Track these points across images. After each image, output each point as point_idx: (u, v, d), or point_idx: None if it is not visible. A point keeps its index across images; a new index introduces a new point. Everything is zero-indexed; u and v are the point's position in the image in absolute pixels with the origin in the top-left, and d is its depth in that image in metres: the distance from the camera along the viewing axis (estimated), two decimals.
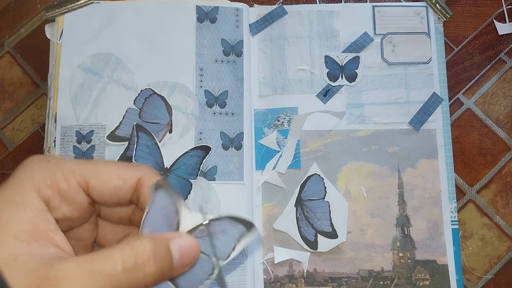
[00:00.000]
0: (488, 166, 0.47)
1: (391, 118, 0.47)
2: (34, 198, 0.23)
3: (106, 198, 0.26)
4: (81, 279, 0.21)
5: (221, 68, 0.47)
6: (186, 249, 0.25)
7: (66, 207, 0.25)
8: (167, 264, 0.24)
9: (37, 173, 0.24)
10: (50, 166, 0.25)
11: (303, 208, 0.45)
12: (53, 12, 0.47)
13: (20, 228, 0.22)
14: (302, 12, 0.49)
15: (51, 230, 0.24)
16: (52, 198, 0.24)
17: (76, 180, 0.25)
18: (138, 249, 0.23)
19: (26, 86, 0.50)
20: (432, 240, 0.45)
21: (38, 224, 0.23)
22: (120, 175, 0.26)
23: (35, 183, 0.24)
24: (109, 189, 0.25)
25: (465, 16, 0.50)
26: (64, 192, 0.24)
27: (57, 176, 0.24)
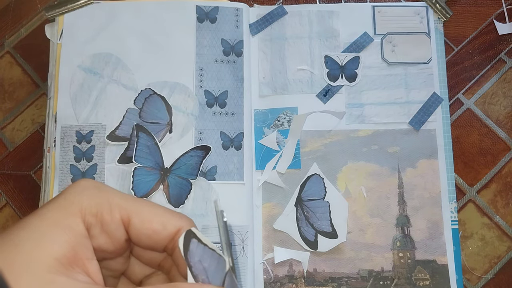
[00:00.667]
0: (488, 166, 0.47)
1: (391, 118, 0.47)
2: (78, 224, 0.24)
3: (143, 239, 0.26)
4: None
5: (221, 68, 0.47)
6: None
7: (104, 239, 0.25)
8: None
9: (85, 200, 0.24)
10: (99, 196, 0.25)
11: (303, 208, 0.45)
12: (53, 12, 0.47)
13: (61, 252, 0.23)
14: (302, 12, 0.49)
15: (88, 259, 0.24)
16: (93, 227, 0.24)
17: (120, 215, 0.25)
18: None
19: (26, 86, 0.50)
20: (432, 240, 0.45)
21: (78, 250, 0.23)
22: (162, 221, 0.26)
23: (82, 209, 0.24)
24: (148, 231, 0.25)
25: (465, 16, 0.50)
26: (106, 224, 0.25)
27: (104, 206, 0.25)
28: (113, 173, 0.45)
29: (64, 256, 0.23)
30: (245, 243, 0.44)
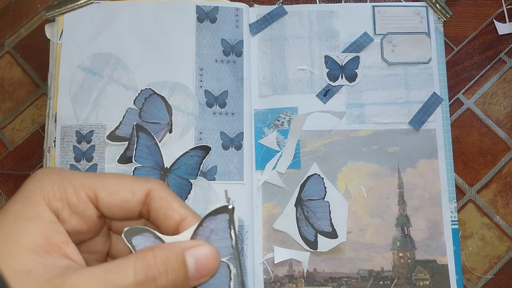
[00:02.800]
0: (488, 166, 0.47)
1: (391, 118, 0.47)
2: (45, 211, 0.23)
3: (114, 210, 0.26)
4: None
5: (221, 68, 0.47)
6: (203, 259, 0.24)
7: (76, 220, 0.25)
8: (181, 276, 0.23)
9: (47, 186, 0.24)
10: (60, 179, 0.25)
11: (303, 208, 0.45)
12: (53, 12, 0.47)
13: (33, 241, 0.22)
14: (302, 12, 0.49)
15: (63, 242, 0.24)
16: (61, 211, 0.24)
17: (85, 193, 0.25)
18: (150, 261, 0.23)
19: (26, 86, 0.50)
20: (432, 240, 0.45)
21: (50, 236, 0.23)
22: (129, 188, 0.26)
23: (45, 195, 0.24)
24: (118, 202, 0.25)
25: (465, 16, 0.50)
26: (73, 205, 0.24)
27: (67, 189, 0.24)
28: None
29: (37, 245, 0.22)
30: (245, 243, 0.44)
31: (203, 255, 0.24)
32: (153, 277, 0.22)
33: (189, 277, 0.24)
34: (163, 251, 0.23)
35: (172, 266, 0.23)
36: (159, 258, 0.23)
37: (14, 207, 0.23)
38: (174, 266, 0.23)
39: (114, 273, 0.22)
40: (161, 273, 0.23)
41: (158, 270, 0.23)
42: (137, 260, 0.23)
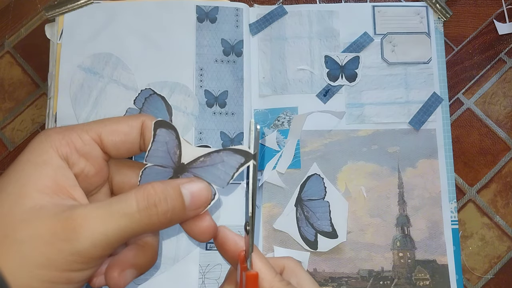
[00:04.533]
0: (488, 166, 0.47)
1: (391, 118, 0.47)
2: (53, 157, 0.25)
3: (118, 146, 0.28)
4: (102, 217, 0.23)
5: (221, 68, 0.47)
6: (197, 192, 0.26)
7: (84, 162, 0.27)
8: (179, 205, 0.26)
9: (53, 136, 0.26)
10: (64, 129, 0.27)
11: (303, 208, 0.45)
12: (53, 12, 0.47)
13: (42, 183, 0.24)
14: (302, 12, 0.49)
15: (71, 186, 0.25)
16: (70, 155, 0.26)
17: (89, 136, 0.27)
18: (150, 191, 0.25)
19: (26, 86, 0.50)
20: (432, 240, 0.45)
21: (58, 180, 0.25)
22: (126, 123, 0.28)
23: (52, 144, 0.26)
24: (120, 137, 0.28)
25: (465, 16, 0.50)
26: (80, 148, 0.26)
27: (71, 135, 0.26)
28: None
29: (46, 186, 0.24)
30: None
31: (197, 187, 0.27)
32: (154, 203, 0.25)
33: (186, 206, 0.26)
34: (161, 184, 0.26)
35: (170, 194, 0.25)
36: (158, 189, 0.25)
37: (23, 157, 0.25)
38: (172, 194, 0.25)
39: (118, 203, 0.24)
40: (161, 200, 0.25)
41: (159, 197, 0.25)
42: (138, 191, 0.25)
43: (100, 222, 0.23)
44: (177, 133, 0.28)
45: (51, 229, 0.23)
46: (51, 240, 0.23)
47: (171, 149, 0.28)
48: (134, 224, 0.24)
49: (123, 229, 0.24)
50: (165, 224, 0.26)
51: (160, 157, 0.28)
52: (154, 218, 0.25)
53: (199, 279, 0.43)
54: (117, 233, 0.24)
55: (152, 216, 0.25)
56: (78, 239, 0.23)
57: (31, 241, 0.22)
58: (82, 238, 0.23)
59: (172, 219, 0.26)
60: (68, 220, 0.23)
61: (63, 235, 0.23)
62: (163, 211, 0.25)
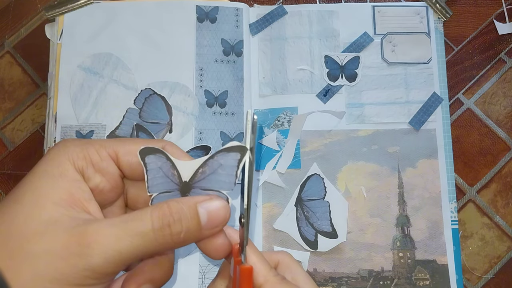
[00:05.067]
0: (488, 166, 0.47)
1: (391, 118, 0.47)
2: (69, 170, 0.26)
3: (134, 167, 0.28)
4: (116, 234, 0.23)
5: (221, 68, 0.47)
6: (214, 211, 0.26)
7: (99, 178, 0.27)
8: (194, 225, 0.25)
9: (71, 148, 0.26)
10: (82, 143, 0.27)
11: (303, 208, 0.45)
12: (53, 12, 0.47)
13: (57, 196, 0.24)
14: (302, 12, 0.49)
15: (86, 199, 0.26)
16: (86, 169, 0.26)
17: (106, 152, 0.27)
18: (165, 211, 0.25)
19: (26, 86, 0.50)
20: (432, 240, 0.45)
21: (74, 193, 0.25)
22: (145, 145, 0.28)
23: (69, 156, 0.26)
24: (136, 158, 0.28)
25: (465, 16, 0.50)
26: (96, 163, 0.27)
27: (89, 149, 0.27)
28: None
29: (61, 199, 0.24)
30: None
31: (215, 207, 0.26)
32: (168, 224, 0.25)
33: (202, 226, 0.26)
34: (177, 203, 0.25)
35: (185, 215, 0.25)
36: (174, 209, 0.25)
37: (40, 168, 0.25)
38: (187, 215, 0.25)
39: (133, 221, 0.24)
40: (176, 221, 0.25)
41: (173, 218, 0.25)
42: (154, 210, 0.25)
43: (114, 240, 0.23)
44: (166, 154, 0.27)
45: (66, 243, 0.23)
46: (65, 255, 0.23)
47: (168, 172, 0.28)
48: (148, 243, 0.24)
49: (136, 247, 0.24)
50: (179, 244, 0.25)
51: (161, 184, 0.28)
52: (167, 238, 0.25)
53: (199, 279, 0.43)
54: (130, 251, 0.24)
55: (166, 237, 0.25)
56: (92, 255, 0.23)
57: (45, 255, 0.23)
58: (96, 254, 0.23)
59: (186, 240, 0.25)
60: (83, 235, 0.23)
61: (77, 250, 0.23)
62: (177, 232, 0.25)
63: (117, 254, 0.23)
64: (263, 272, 0.27)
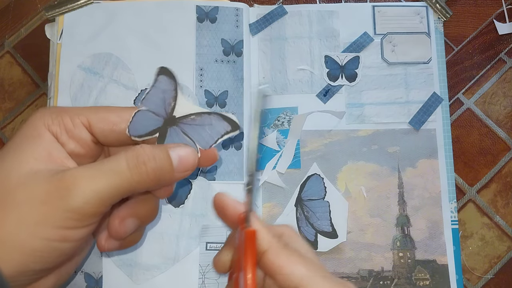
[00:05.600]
0: (488, 166, 0.47)
1: (391, 118, 0.47)
2: (46, 133, 0.27)
3: (107, 134, 0.29)
4: (93, 176, 0.25)
5: (221, 68, 0.47)
6: (184, 155, 0.28)
7: (73, 144, 0.28)
8: (167, 166, 0.27)
9: (46, 115, 0.28)
10: (57, 110, 0.29)
11: (303, 208, 0.45)
12: (53, 12, 0.47)
13: (37, 153, 0.26)
14: (302, 12, 0.49)
15: (63, 157, 0.27)
16: (60, 135, 0.28)
17: (79, 120, 0.28)
18: (139, 151, 0.26)
19: (26, 86, 0.50)
20: (432, 240, 0.45)
21: (52, 152, 0.27)
22: (117, 113, 0.29)
23: (45, 122, 0.27)
24: (108, 126, 0.29)
25: (465, 16, 0.50)
26: (70, 130, 0.28)
27: (63, 117, 0.28)
28: None
29: (41, 155, 0.26)
30: None
31: (184, 152, 0.28)
32: (143, 162, 0.26)
33: (174, 168, 0.28)
34: (150, 146, 0.27)
35: (158, 155, 0.27)
36: (147, 149, 0.27)
37: (19, 132, 0.27)
38: (160, 155, 0.27)
39: (108, 162, 0.26)
40: (150, 159, 0.26)
41: (147, 156, 0.26)
42: (128, 151, 0.26)
43: (92, 180, 0.25)
44: (177, 85, 0.29)
45: (46, 189, 0.24)
46: (47, 199, 0.24)
47: (167, 99, 0.29)
48: (125, 182, 0.26)
49: (114, 186, 0.25)
50: (154, 181, 0.27)
51: (155, 104, 0.29)
52: (144, 175, 0.26)
53: (199, 279, 0.43)
54: (108, 190, 0.25)
55: (142, 174, 0.26)
56: (71, 196, 0.24)
57: (28, 202, 0.24)
58: (75, 195, 0.24)
59: (160, 178, 0.27)
60: (61, 180, 0.25)
61: (57, 194, 0.24)
62: (152, 169, 0.26)
63: (95, 194, 0.25)
64: (267, 237, 0.28)
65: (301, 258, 0.27)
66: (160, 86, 0.28)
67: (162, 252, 0.43)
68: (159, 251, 0.43)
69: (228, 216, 0.30)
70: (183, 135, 0.30)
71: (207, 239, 0.44)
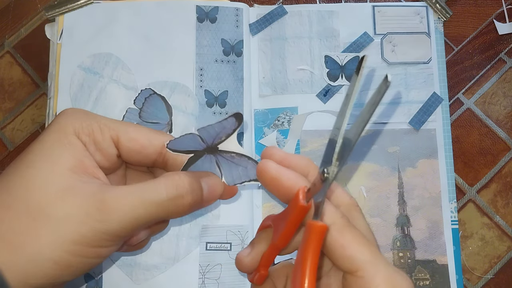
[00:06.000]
0: (488, 166, 0.47)
1: (391, 118, 0.47)
2: (76, 141, 0.27)
3: (133, 155, 0.29)
4: (133, 204, 0.25)
5: (221, 68, 0.47)
6: (213, 186, 0.29)
7: (99, 156, 0.28)
8: (199, 197, 0.28)
9: (77, 121, 0.27)
10: (88, 118, 0.28)
11: None
12: (53, 12, 0.47)
13: (70, 163, 0.26)
14: (302, 12, 0.49)
15: (94, 167, 0.27)
16: (88, 145, 0.27)
17: (109, 134, 0.28)
18: (178, 183, 0.27)
19: (26, 86, 0.50)
20: (432, 240, 0.45)
21: (84, 160, 0.27)
22: (147, 137, 0.29)
23: (75, 129, 0.27)
24: (136, 148, 0.29)
25: (465, 16, 0.50)
26: (98, 142, 0.28)
27: (94, 127, 0.28)
28: None
29: (75, 166, 0.26)
30: (245, 243, 0.44)
31: (214, 182, 0.29)
32: (182, 195, 0.27)
33: (203, 198, 0.28)
34: (187, 176, 0.27)
35: (194, 187, 0.27)
36: (186, 181, 0.27)
37: (49, 137, 0.27)
38: (196, 187, 0.28)
39: (150, 191, 0.26)
40: (188, 193, 0.27)
41: (186, 189, 0.27)
42: (167, 180, 0.27)
43: (131, 208, 0.25)
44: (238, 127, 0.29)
45: (86, 209, 0.24)
46: (85, 220, 0.24)
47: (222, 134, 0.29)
48: (161, 211, 0.26)
49: (150, 214, 0.26)
50: (186, 213, 0.28)
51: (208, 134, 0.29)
52: (180, 208, 0.27)
53: (199, 279, 0.43)
54: (144, 218, 0.26)
55: (179, 206, 0.27)
56: (110, 221, 0.25)
57: (67, 219, 0.24)
58: (114, 220, 0.25)
59: (191, 209, 0.28)
60: (102, 202, 0.25)
61: (97, 216, 0.24)
62: (188, 202, 0.27)
63: (133, 220, 0.25)
64: (331, 212, 0.25)
65: (365, 240, 0.25)
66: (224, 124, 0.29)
67: (162, 252, 0.43)
68: (159, 251, 0.43)
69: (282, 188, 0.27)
70: (215, 165, 0.30)
71: (207, 239, 0.44)
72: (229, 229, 0.44)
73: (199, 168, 0.31)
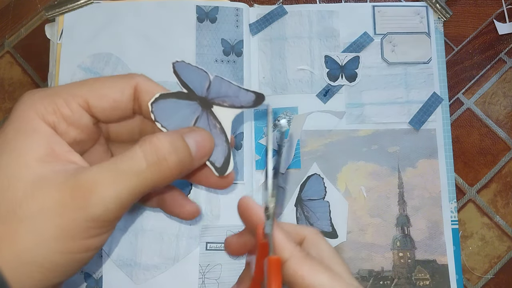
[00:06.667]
0: (488, 166, 0.47)
1: (391, 118, 0.47)
2: (41, 125, 0.24)
3: (108, 113, 0.26)
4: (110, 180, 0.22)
5: (221, 68, 0.47)
6: (201, 141, 0.26)
7: (74, 131, 0.25)
8: (187, 156, 0.25)
9: (37, 103, 0.24)
10: (48, 94, 0.25)
11: (303, 208, 0.45)
12: (53, 12, 0.47)
13: (38, 152, 0.23)
14: (302, 12, 0.49)
15: (67, 151, 0.24)
16: (58, 124, 0.24)
17: (76, 103, 0.25)
18: (157, 145, 0.23)
19: (26, 86, 0.50)
20: (432, 240, 0.45)
21: (53, 147, 0.23)
22: (116, 88, 0.26)
23: (37, 112, 0.24)
24: (109, 104, 0.26)
25: (465, 16, 0.50)
26: (68, 117, 0.25)
27: (57, 102, 0.24)
28: None
29: (44, 155, 0.23)
30: None
31: (200, 137, 0.26)
32: (164, 157, 0.23)
33: (193, 157, 0.25)
34: (166, 135, 0.24)
35: (177, 146, 0.24)
36: (164, 140, 0.24)
37: (11, 126, 0.24)
38: (179, 146, 0.24)
39: (126, 162, 0.23)
40: (171, 152, 0.24)
41: (168, 149, 0.23)
42: (143, 145, 0.23)
43: (110, 186, 0.22)
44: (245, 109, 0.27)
45: (60, 200, 0.22)
46: (62, 211, 0.22)
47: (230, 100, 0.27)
48: (145, 181, 0.23)
49: (134, 188, 0.23)
50: (176, 176, 0.25)
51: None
52: (166, 172, 0.24)
53: (199, 279, 0.43)
54: (128, 193, 0.23)
55: (165, 171, 0.24)
56: (90, 206, 0.22)
57: (41, 215, 0.21)
58: (94, 204, 0.22)
59: (182, 171, 0.25)
60: (76, 188, 0.22)
61: (74, 204, 0.22)
62: (174, 164, 0.24)
63: (115, 199, 0.22)
64: (289, 247, 0.26)
65: (324, 268, 0.26)
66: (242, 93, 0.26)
67: (162, 252, 0.43)
68: (159, 251, 0.43)
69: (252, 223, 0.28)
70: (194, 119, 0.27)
71: (207, 239, 0.44)
72: (229, 229, 0.44)
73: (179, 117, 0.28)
